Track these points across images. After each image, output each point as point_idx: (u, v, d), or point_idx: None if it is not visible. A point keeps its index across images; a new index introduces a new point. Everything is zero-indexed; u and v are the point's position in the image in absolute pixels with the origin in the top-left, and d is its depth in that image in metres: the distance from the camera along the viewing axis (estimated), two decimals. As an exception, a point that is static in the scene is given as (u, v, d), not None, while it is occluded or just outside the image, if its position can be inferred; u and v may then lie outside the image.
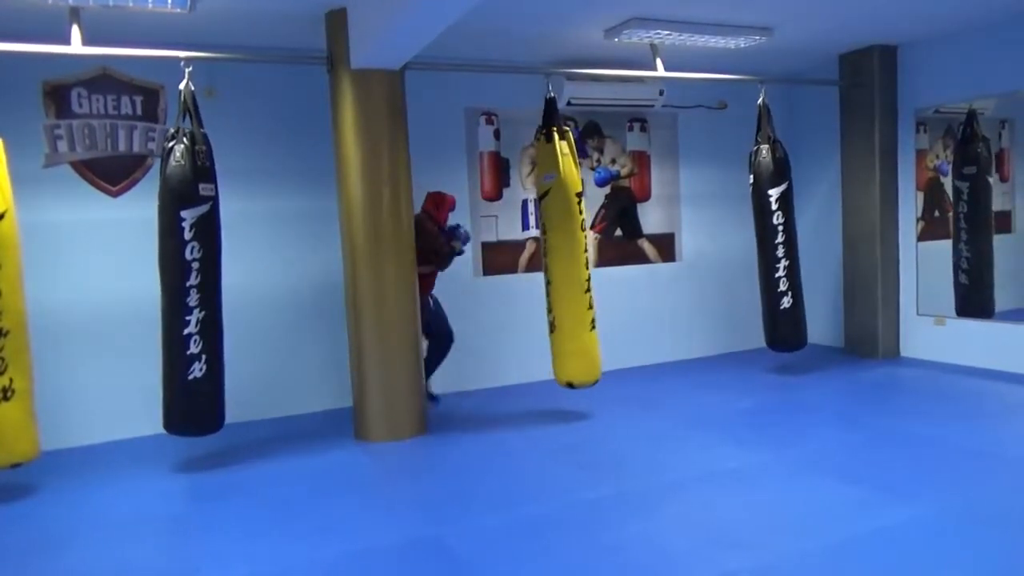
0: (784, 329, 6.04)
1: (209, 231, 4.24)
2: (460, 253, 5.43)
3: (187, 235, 4.14)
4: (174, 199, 4.14)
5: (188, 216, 4.13)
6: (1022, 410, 4.93)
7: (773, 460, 4.12)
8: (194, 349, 4.21)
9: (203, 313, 4.22)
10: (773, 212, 5.88)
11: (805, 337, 6.12)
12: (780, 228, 5.89)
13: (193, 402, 4.27)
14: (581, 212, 4.91)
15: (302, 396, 5.61)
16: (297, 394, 5.58)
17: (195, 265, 4.17)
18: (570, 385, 5.02)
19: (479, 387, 6.07)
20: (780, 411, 5.17)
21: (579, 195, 4.90)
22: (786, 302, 5.96)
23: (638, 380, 6.32)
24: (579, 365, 4.97)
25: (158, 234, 4.22)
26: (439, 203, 5.40)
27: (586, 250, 4.95)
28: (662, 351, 6.97)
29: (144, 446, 4.95)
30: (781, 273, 5.93)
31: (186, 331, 4.18)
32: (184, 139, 4.17)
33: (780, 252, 5.92)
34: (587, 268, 4.94)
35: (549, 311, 4.98)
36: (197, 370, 4.22)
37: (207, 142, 4.28)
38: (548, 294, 4.97)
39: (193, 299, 4.18)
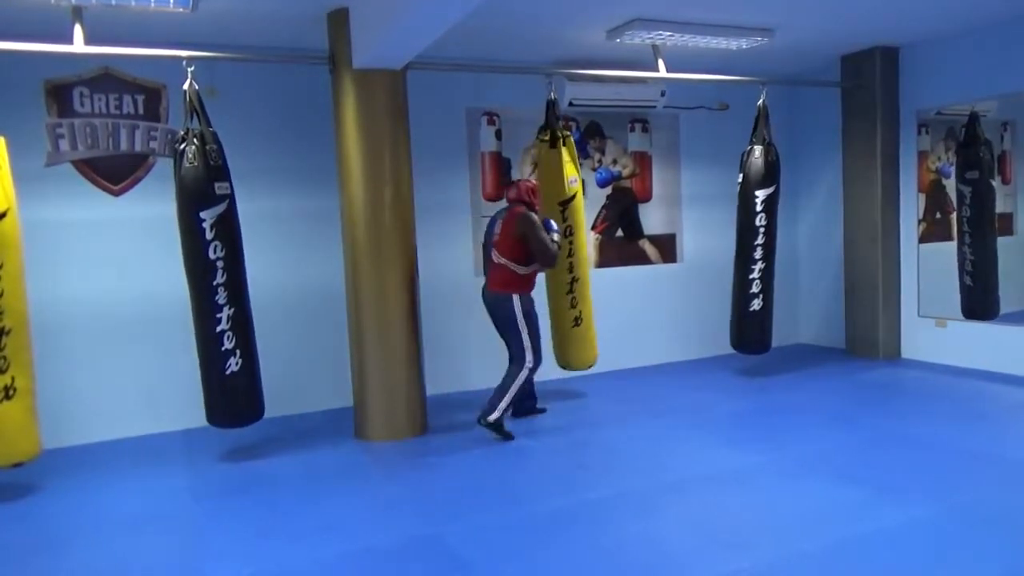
0: (749, 332, 6.02)
1: (229, 229, 4.28)
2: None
3: (209, 235, 4.19)
4: (192, 200, 4.17)
5: (208, 216, 4.18)
6: (1022, 412, 4.93)
7: (773, 461, 4.12)
8: (228, 345, 4.30)
9: (232, 309, 4.30)
10: (757, 213, 5.85)
11: (769, 342, 6.10)
12: (761, 230, 5.86)
13: (233, 396, 4.39)
14: None
15: (302, 395, 5.61)
16: (297, 393, 5.58)
17: (220, 264, 4.23)
18: (588, 367, 5.61)
19: (479, 387, 6.06)
20: (780, 412, 5.17)
21: None
22: (756, 304, 5.93)
23: (639, 381, 6.32)
24: (596, 349, 5.60)
25: (180, 236, 4.25)
26: (536, 191, 4.87)
27: None
28: (663, 352, 6.97)
29: (145, 445, 4.96)
30: (755, 275, 5.90)
31: (218, 328, 4.27)
32: (194, 140, 4.18)
33: (758, 254, 5.89)
34: None
35: (572, 306, 5.38)
36: (233, 365, 4.32)
37: (217, 140, 4.29)
38: (572, 292, 5.37)
39: (222, 297, 4.26)
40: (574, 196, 5.28)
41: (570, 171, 5.29)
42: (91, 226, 5.02)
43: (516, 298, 4.68)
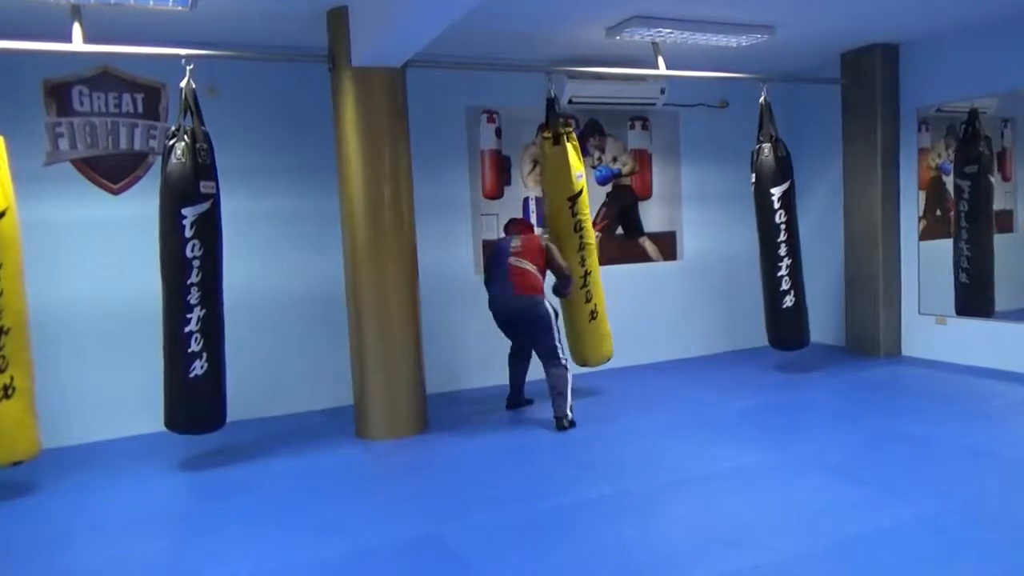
0: (786, 328, 6.03)
1: (210, 229, 4.24)
2: None
3: (188, 233, 4.14)
4: (175, 197, 4.14)
5: (189, 214, 4.13)
6: (1023, 409, 4.92)
7: (774, 459, 4.12)
8: (195, 347, 4.21)
9: (204, 311, 4.22)
10: (775, 211, 5.86)
11: (807, 336, 6.11)
12: (783, 227, 5.88)
13: (194, 400, 4.28)
14: None
15: (303, 394, 5.61)
16: (298, 392, 5.59)
17: (196, 263, 4.17)
18: (606, 360, 5.59)
19: (479, 385, 6.07)
20: (781, 410, 5.17)
21: None
22: (788, 301, 5.95)
23: (639, 379, 6.31)
24: (612, 343, 5.58)
25: (159, 232, 4.22)
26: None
27: None
28: (663, 350, 6.97)
29: (145, 444, 4.95)
30: (783, 272, 5.92)
31: (187, 329, 4.19)
32: (185, 137, 4.17)
33: (783, 251, 5.90)
34: None
35: (588, 300, 5.36)
36: (198, 368, 4.23)
37: (208, 140, 4.27)
38: (586, 285, 5.35)
39: (194, 297, 4.18)
40: (581, 191, 5.30)
41: (576, 166, 5.31)
42: (90, 225, 5.02)
43: (546, 300, 4.94)
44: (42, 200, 4.84)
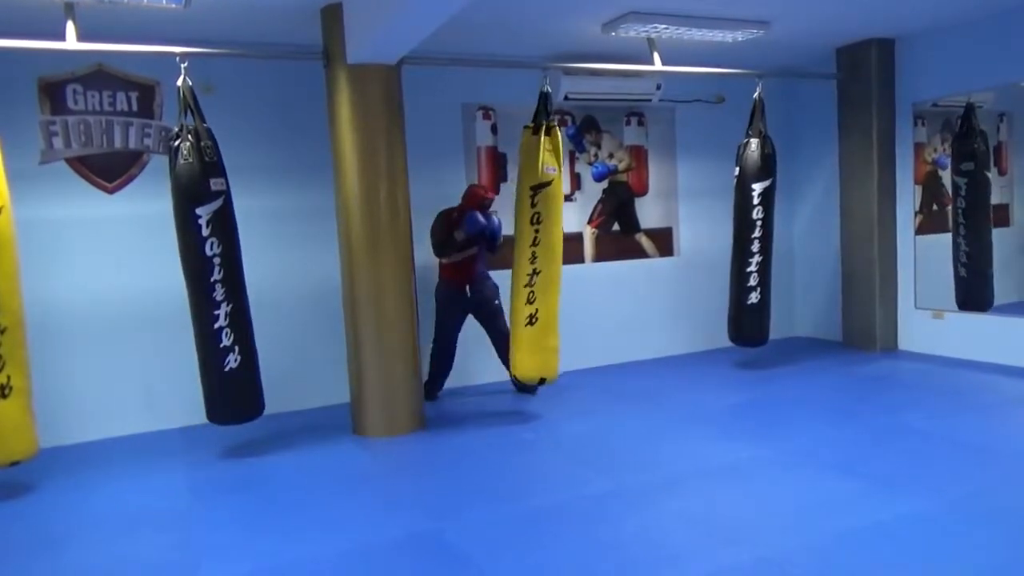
0: (747, 325, 6.04)
1: (226, 225, 4.27)
2: (463, 240, 5.26)
3: (205, 232, 4.17)
4: (187, 197, 4.16)
5: (203, 213, 4.16)
6: (1020, 404, 4.94)
7: (771, 454, 4.12)
8: (226, 342, 4.29)
9: (231, 306, 4.29)
10: (754, 207, 5.85)
11: (767, 334, 6.13)
12: (759, 223, 5.87)
13: (232, 392, 4.38)
14: None
15: (300, 392, 5.60)
16: (295, 390, 5.57)
17: (216, 260, 4.21)
18: (542, 382, 4.93)
19: (477, 383, 6.07)
20: (778, 405, 5.18)
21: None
22: (753, 298, 5.95)
23: (635, 375, 6.32)
24: (553, 361, 4.90)
25: (176, 233, 4.23)
26: (467, 192, 5.52)
27: None
28: (659, 346, 6.97)
29: (143, 443, 4.95)
30: (753, 268, 5.92)
31: (216, 325, 4.26)
32: (189, 136, 4.16)
33: (755, 247, 5.90)
34: None
35: (528, 303, 4.80)
36: (232, 361, 4.32)
37: (212, 136, 4.27)
38: (530, 284, 4.79)
39: (219, 293, 4.24)
40: (548, 183, 4.84)
41: (548, 160, 4.89)
42: (86, 224, 5.00)
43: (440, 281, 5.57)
44: (37, 199, 4.82)
